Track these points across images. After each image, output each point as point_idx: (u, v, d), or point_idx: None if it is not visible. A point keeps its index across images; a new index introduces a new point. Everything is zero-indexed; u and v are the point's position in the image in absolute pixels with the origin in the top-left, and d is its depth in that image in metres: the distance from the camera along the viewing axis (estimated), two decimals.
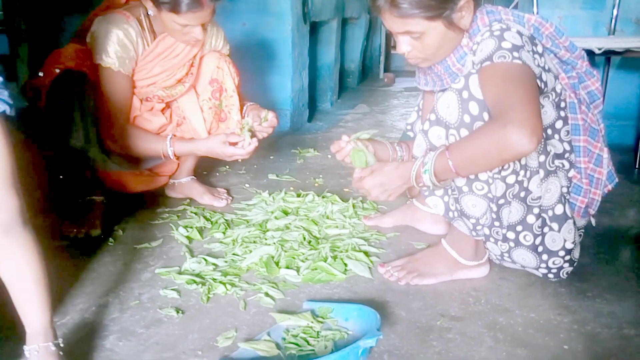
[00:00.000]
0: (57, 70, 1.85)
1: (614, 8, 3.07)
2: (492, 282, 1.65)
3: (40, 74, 1.88)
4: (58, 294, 1.52)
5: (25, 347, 1.16)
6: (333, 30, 4.69)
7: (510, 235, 1.53)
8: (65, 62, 1.88)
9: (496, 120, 1.27)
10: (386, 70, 7.06)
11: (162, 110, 2.16)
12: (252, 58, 3.57)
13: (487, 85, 1.35)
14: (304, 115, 4.00)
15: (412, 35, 1.47)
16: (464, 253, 1.64)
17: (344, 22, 5.13)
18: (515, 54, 1.33)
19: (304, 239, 1.89)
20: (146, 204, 2.24)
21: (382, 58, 7.07)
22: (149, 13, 1.96)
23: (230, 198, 2.35)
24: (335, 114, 4.47)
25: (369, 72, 6.74)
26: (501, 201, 1.47)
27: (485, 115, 1.37)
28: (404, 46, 1.50)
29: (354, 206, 2.20)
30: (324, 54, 4.73)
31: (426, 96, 1.87)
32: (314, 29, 4.41)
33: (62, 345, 1.19)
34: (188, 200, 2.30)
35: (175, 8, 1.81)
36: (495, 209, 1.48)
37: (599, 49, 2.57)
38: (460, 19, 1.45)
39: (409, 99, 5.27)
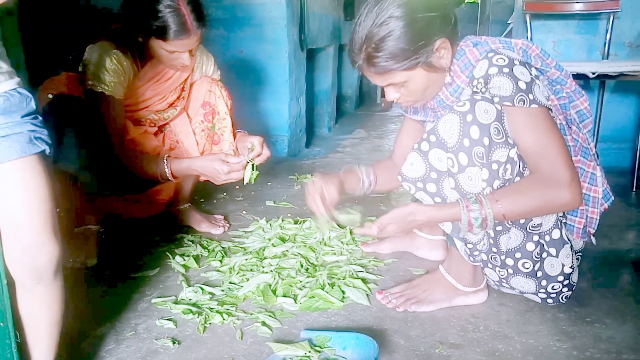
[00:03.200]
0: (50, 96, 1.87)
1: (607, 32, 3.09)
2: (490, 308, 1.64)
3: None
4: None
5: None
6: (330, 57, 4.75)
7: (509, 262, 1.52)
8: (57, 87, 1.91)
9: (545, 179, 1.37)
10: (383, 95, 7.06)
11: (155, 134, 2.17)
12: (249, 85, 3.60)
13: (519, 130, 1.40)
14: (302, 141, 4.02)
15: (396, 86, 1.49)
16: (462, 279, 1.63)
17: (341, 49, 5.18)
18: (531, 96, 1.37)
19: (301, 266, 1.88)
20: (143, 232, 2.24)
21: None
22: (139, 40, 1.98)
23: (228, 225, 2.35)
24: (333, 139, 4.49)
25: (366, 97, 6.78)
26: (499, 228, 1.46)
27: (486, 140, 1.36)
28: (392, 95, 1.52)
29: (351, 232, 2.19)
30: (322, 79, 4.78)
31: (407, 122, 1.86)
32: (311, 55, 4.45)
33: None
34: (185, 228, 2.29)
35: (162, 35, 1.84)
36: (492, 234, 1.48)
37: (593, 73, 2.58)
38: (440, 59, 1.45)
39: None
